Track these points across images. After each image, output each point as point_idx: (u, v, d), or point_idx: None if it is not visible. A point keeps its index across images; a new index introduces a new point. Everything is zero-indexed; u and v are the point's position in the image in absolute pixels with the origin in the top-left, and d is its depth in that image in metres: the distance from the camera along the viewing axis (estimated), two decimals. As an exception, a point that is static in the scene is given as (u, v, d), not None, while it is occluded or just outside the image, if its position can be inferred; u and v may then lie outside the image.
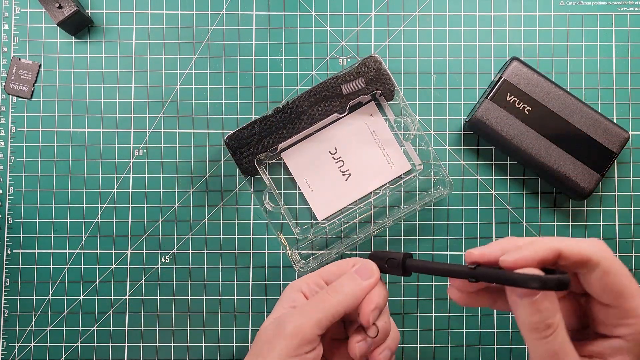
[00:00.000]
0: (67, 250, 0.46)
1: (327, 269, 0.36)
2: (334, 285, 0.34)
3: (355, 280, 0.34)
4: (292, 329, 0.32)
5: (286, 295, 0.36)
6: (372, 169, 0.45)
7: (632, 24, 0.47)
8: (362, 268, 0.35)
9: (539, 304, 0.27)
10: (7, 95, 0.47)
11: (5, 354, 0.45)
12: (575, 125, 0.44)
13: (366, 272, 0.35)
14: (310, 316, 0.33)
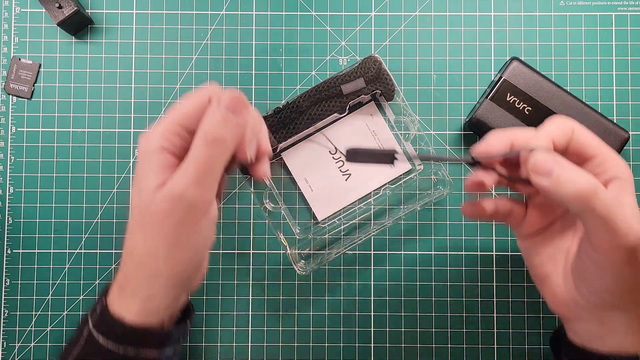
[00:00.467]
0: (67, 250, 0.46)
1: (181, 112, 0.31)
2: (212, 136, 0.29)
3: (232, 121, 0.30)
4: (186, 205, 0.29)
5: (148, 157, 0.30)
6: (372, 169, 0.45)
7: (632, 24, 0.47)
8: (232, 101, 0.30)
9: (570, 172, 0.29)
10: (7, 95, 0.47)
11: (5, 354, 0.45)
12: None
13: (238, 105, 0.30)
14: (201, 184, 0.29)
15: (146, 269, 0.31)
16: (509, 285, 0.46)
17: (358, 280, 0.46)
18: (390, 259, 0.46)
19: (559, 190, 0.29)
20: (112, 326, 0.31)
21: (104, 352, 0.31)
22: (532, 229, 0.35)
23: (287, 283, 0.46)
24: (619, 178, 0.30)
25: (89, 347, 0.32)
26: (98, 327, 0.32)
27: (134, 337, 0.31)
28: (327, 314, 0.46)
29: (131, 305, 0.31)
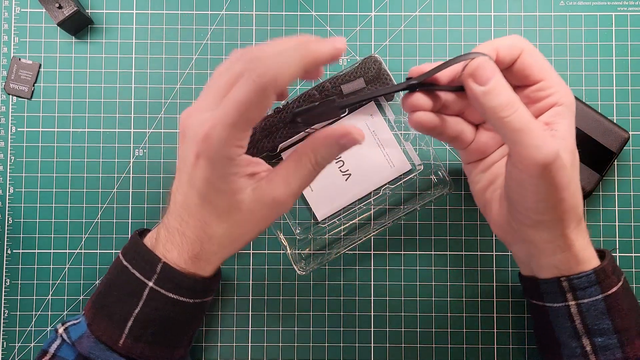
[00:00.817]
0: (67, 250, 0.46)
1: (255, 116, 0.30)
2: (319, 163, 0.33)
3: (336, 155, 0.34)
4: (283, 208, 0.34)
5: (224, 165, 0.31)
6: (372, 169, 0.45)
7: (632, 24, 0.47)
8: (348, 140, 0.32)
9: (500, 83, 0.30)
10: (7, 95, 0.47)
11: (5, 354, 0.45)
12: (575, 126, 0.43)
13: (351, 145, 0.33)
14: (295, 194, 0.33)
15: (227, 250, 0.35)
16: (509, 285, 0.46)
17: (358, 281, 0.46)
18: (390, 259, 0.46)
19: (487, 101, 0.31)
20: (179, 282, 0.34)
21: (175, 303, 0.35)
22: (477, 155, 0.38)
23: (287, 283, 0.46)
24: (560, 104, 0.33)
25: (153, 303, 0.34)
26: (163, 286, 0.34)
27: (202, 288, 0.36)
28: (327, 314, 0.46)
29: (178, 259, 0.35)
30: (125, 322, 0.34)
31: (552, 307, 0.37)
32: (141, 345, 0.35)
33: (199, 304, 0.36)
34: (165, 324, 0.35)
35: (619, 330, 0.35)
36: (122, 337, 0.34)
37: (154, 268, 0.34)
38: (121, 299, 0.35)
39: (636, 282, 0.45)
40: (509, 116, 0.30)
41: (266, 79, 0.29)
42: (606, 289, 0.35)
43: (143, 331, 0.35)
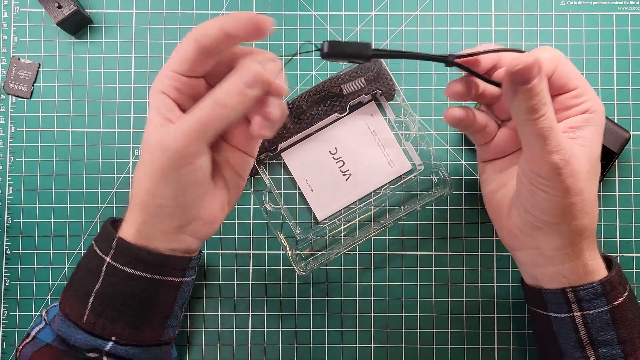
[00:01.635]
0: (66, 250, 0.46)
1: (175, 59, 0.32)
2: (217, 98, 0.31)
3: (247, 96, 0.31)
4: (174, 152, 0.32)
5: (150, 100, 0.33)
6: (372, 169, 0.45)
7: (632, 24, 0.47)
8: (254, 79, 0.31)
9: (535, 89, 0.31)
10: (7, 95, 0.47)
11: (4, 354, 0.45)
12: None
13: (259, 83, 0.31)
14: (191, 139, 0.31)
15: (135, 198, 0.34)
16: (510, 286, 0.46)
17: (358, 281, 0.46)
18: (390, 260, 0.46)
19: (520, 99, 0.31)
20: (134, 255, 0.34)
21: (132, 278, 0.35)
22: (495, 153, 0.38)
23: (287, 283, 0.46)
24: (591, 112, 0.34)
25: (110, 279, 0.34)
26: (119, 260, 0.34)
27: (158, 263, 0.35)
28: (327, 315, 0.46)
29: (129, 229, 0.35)
30: (87, 298, 0.35)
31: (557, 317, 0.37)
32: (102, 321, 0.35)
33: (159, 282, 0.35)
34: (126, 300, 0.35)
35: (623, 341, 0.35)
36: (85, 313, 0.35)
37: (111, 243, 0.35)
38: (85, 276, 0.35)
39: (637, 283, 0.45)
40: (537, 119, 0.31)
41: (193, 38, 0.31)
42: (612, 300, 0.35)
43: (104, 307, 0.35)
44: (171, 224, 0.35)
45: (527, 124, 0.32)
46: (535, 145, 0.32)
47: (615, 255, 0.45)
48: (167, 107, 0.33)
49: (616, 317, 0.35)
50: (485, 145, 0.38)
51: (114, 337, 0.35)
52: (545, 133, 0.31)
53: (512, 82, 0.31)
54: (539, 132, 0.31)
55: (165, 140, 0.32)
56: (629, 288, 0.37)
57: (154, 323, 0.37)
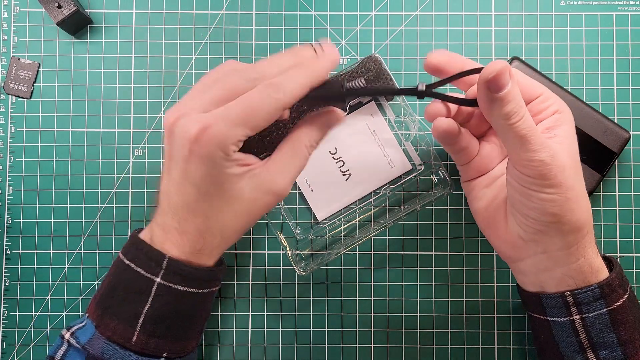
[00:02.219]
0: (66, 250, 0.46)
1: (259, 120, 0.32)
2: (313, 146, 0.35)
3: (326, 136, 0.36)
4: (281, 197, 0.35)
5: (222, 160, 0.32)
6: (372, 169, 0.45)
7: (632, 24, 0.47)
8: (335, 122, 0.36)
9: (511, 94, 0.32)
10: (7, 95, 0.47)
11: (4, 354, 0.45)
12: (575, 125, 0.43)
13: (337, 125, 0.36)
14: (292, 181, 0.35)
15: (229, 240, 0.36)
16: (509, 286, 0.46)
17: (358, 281, 0.46)
18: (390, 260, 0.46)
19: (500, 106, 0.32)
20: (187, 274, 0.35)
21: (184, 295, 0.35)
22: (480, 170, 0.39)
23: (287, 283, 0.46)
24: (559, 112, 0.36)
25: (163, 298, 0.35)
26: (171, 280, 0.35)
27: (207, 278, 0.36)
28: (327, 315, 0.46)
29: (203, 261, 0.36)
30: (136, 319, 0.35)
31: (556, 321, 0.37)
32: (155, 340, 0.35)
33: (207, 294, 0.37)
34: (177, 316, 0.35)
35: (624, 343, 0.35)
36: (134, 335, 0.35)
37: (160, 264, 0.35)
38: (128, 298, 0.35)
39: (637, 283, 0.45)
40: (517, 122, 0.32)
41: (285, 98, 0.32)
42: (611, 302, 0.35)
43: (156, 326, 0.35)
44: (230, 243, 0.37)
45: (509, 129, 0.32)
46: (521, 148, 0.33)
47: (615, 256, 0.45)
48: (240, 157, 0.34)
49: (616, 319, 0.35)
50: (468, 164, 0.39)
51: (165, 353, 0.36)
52: (527, 134, 0.32)
53: (488, 90, 0.32)
54: (521, 134, 0.32)
55: (280, 189, 0.34)
56: (630, 289, 0.37)
57: (197, 332, 0.38)
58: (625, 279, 0.37)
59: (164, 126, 0.33)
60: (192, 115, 0.32)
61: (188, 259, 0.35)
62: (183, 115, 0.32)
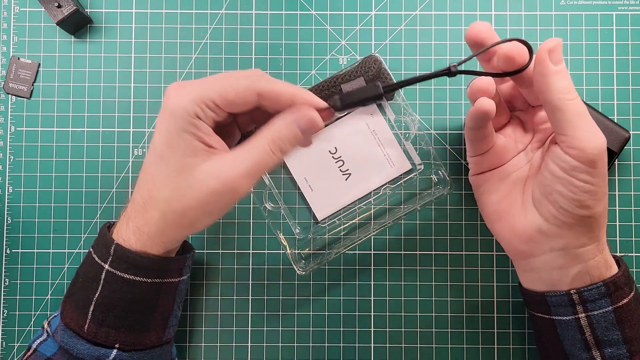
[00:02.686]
0: (66, 250, 0.46)
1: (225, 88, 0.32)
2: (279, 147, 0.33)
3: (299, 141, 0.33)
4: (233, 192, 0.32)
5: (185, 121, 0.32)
6: (372, 169, 0.45)
7: (632, 24, 0.47)
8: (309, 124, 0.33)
9: (563, 71, 0.32)
10: (6, 94, 0.46)
11: (4, 353, 0.45)
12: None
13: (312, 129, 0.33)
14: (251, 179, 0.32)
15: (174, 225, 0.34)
16: (509, 285, 0.46)
17: (358, 280, 0.46)
18: (390, 259, 0.46)
19: (557, 80, 0.32)
20: (133, 262, 0.34)
21: (132, 284, 0.35)
22: (494, 162, 0.38)
23: (287, 283, 0.46)
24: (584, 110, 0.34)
25: (111, 286, 0.34)
26: (118, 267, 0.34)
27: (157, 267, 0.35)
28: (327, 314, 0.45)
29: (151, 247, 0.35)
30: (88, 306, 0.35)
31: (561, 320, 0.36)
32: (105, 330, 0.34)
33: (159, 285, 0.36)
34: (127, 306, 0.35)
35: (628, 340, 0.35)
36: (86, 323, 0.34)
37: (109, 250, 0.35)
38: (84, 285, 0.35)
39: (637, 282, 0.45)
40: (574, 99, 0.32)
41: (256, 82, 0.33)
42: (617, 300, 0.35)
43: (105, 315, 0.34)
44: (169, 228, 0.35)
45: (567, 105, 0.32)
46: (578, 128, 0.32)
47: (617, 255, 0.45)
48: (206, 132, 0.33)
49: (621, 317, 0.35)
50: (482, 155, 0.38)
51: (117, 344, 0.35)
52: (584, 113, 0.32)
53: (547, 63, 0.32)
54: (579, 112, 0.32)
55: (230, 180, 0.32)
56: (635, 288, 0.37)
57: (156, 325, 0.37)
58: (632, 279, 0.37)
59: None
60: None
61: (136, 248, 0.34)
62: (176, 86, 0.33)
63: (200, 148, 0.32)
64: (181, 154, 0.32)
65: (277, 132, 0.33)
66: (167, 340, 0.38)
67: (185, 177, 0.32)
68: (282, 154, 0.33)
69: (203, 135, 0.32)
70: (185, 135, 0.32)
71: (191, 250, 0.41)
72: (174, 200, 0.33)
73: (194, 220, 0.33)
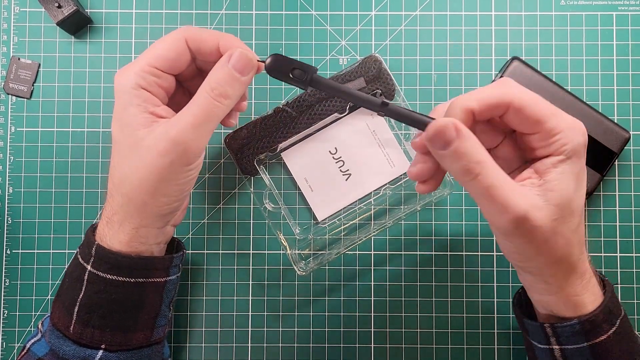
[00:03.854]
0: (66, 250, 0.46)
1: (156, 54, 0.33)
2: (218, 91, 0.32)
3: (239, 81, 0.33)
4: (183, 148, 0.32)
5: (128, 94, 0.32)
6: (372, 169, 0.45)
7: (632, 24, 0.47)
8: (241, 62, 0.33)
9: (460, 149, 0.29)
10: (7, 95, 0.46)
11: (4, 354, 0.45)
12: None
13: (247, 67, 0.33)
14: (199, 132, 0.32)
15: (135, 202, 0.33)
16: (510, 286, 0.46)
17: (358, 281, 0.46)
18: (390, 260, 0.46)
19: (445, 164, 0.30)
20: (115, 262, 0.34)
21: (115, 284, 0.34)
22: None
23: (287, 283, 0.46)
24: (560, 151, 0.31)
25: (94, 287, 0.34)
26: (99, 267, 0.34)
27: (141, 267, 0.35)
28: (327, 315, 0.45)
29: (122, 236, 0.34)
30: (73, 307, 0.34)
31: (537, 346, 0.36)
32: (90, 330, 0.34)
33: (143, 284, 0.35)
34: (112, 306, 0.34)
35: None
36: (72, 323, 0.34)
37: (90, 251, 0.35)
38: (70, 285, 0.35)
39: (637, 283, 0.45)
40: (469, 181, 0.29)
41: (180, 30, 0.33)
42: (593, 337, 0.33)
43: (89, 315, 0.34)
44: (164, 221, 0.35)
45: (466, 186, 0.30)
46: (481, 206, 0.31)
47: (615, 255, 0.45)
48: (153, 102, 0.33)
49: (598, 352, 0.33)
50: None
51: (103, 344, 0.35)
52: (487, 193, 0.29)
53: (431, 150, 0.30)
54: (480, 193, 0.29)
55: (177, 135, 0.31)
56: (620, 322, 0.34)
57: (142, 325, 0.36)
58: (616, 312, 0.34)
59: None
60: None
61: (117, 240, 0.34)
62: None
63: (148, 119, 0.32)
64: (131, 130, 0.32)
65: (214, 77, 0.33)
66: (156, 340, 0.38)
67: (136, 150, 0.32)
68: (225, 98, 0.33)
69: (149, 106, 0.33)
70: (130, 109, 0.32)
71: (181, 249, 0.40)
72: (131, 177, 0.32)
73: (153, 192, 0.33)
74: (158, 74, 0.33)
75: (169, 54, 0.33)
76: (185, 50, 0.34)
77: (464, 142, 0.29)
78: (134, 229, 0.34)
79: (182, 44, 0.34)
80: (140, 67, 0.33)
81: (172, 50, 0.33)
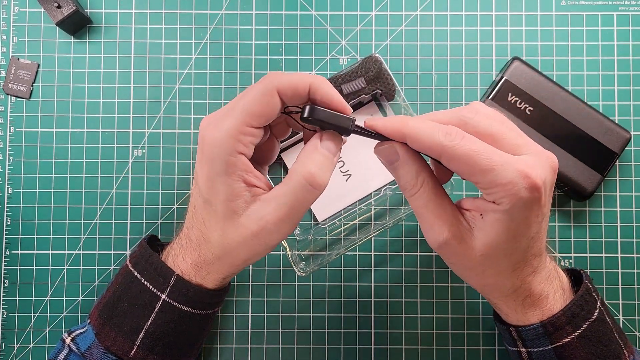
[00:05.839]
0: (65, 251, 0.46)
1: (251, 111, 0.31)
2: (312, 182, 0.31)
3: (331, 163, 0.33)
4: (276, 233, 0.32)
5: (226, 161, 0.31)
6: (372, 170, 0.45)
7: (633, 24, 0.47)
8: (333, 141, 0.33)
9: (400, 169, 0.32)
10: (6, 95, 0.46)
11: (4, 355, 0.45)
12: (576, 126, 0.43)
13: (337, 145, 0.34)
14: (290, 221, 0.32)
15: (224, 261, 0.34)
16: (510, 286, 0.45)
17: (358, 282, 0.46)
18: (390, 260, 0.46)
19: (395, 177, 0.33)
20: (194, 295, 0.35)
21: (188, 316, 0.35)
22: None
23: (287, 284, 0.46)
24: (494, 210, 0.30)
25: (166, 316, 0.35)
26: (177, 299, 0.35)
27: (211, 300, 0.36)
28: (327, 316, 0.45)
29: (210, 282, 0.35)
30: (137, 333, 0.35)
31: (508, 348, 0.38)
32: (153, 357, 0.35)
33: (208, 315, 0.37)
34: (177, 335, 0.35)
35: None
36: (133, 349, 0.35)
37: (168, 281, 0.35)
38: (132, 310, 0.35)
39: (637, 283, 0.45)
40: (410, 196, 0.32)
41: (270, 80, 0.31)
42: (556, 340, 0.34)
43: (155, 343, 0.35)
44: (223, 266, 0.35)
45: (408, 200, 0.33)
46: (423, 229, 0.33)
47: (616, 256, 0.45)
48: (246, 169, 0.32)
49: (563, 354, 0.34)
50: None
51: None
52: (420, 210, 0.32)
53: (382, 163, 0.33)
54: (415, 209, 0.33)
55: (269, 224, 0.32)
56: (590, 324, 0.34)
57: (195, 351, 0.38)
58: (587, 313, 0.34)
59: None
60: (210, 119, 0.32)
61: (191, 277, 0.35)
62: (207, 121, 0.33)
63: (242, 189, 0.32)
64: (224, 199, 0.32)
65: (305, 165, 0.32)
66: None
67: (231, 222, 0.32)
68: (320, 188, 0.32)
69: (243, 174, 0.32)
70: (226, 180, 0.31)
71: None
72: (224, 244, 0.33)
73: (243, 258, 0.34)
74: (254, 132, 0.32)
75: (264, 110, 0.31)
76: (278, 102, 0.32)
77: (404, 165, 0.32)
78: (221, 279, 0.36)
79: (275, 97, 0.31)
80: (236, 128, 0.31)
81: (266, 105, 0.31)
